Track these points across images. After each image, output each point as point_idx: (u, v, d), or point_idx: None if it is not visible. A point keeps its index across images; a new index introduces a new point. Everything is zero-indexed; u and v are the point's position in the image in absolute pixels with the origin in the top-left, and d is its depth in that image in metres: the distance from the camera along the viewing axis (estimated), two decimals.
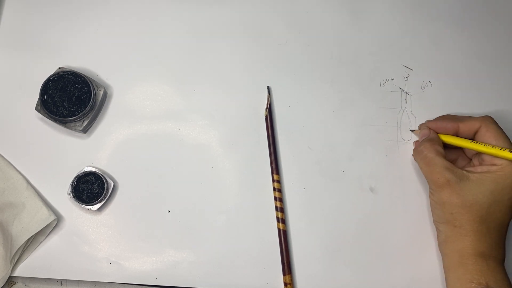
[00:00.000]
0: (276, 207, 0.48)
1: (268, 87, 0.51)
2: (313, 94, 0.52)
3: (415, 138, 0.51)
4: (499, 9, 0.55)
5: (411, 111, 0.52)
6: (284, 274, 0.47)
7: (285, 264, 0.47)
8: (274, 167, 0.49)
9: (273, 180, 0.49)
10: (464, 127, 0.46)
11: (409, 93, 0.52)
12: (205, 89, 0.51)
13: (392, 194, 0.49)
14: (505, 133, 0.44)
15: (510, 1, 0.55)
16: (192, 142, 0.50)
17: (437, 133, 0.47)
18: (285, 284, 0.46)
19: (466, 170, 0.44)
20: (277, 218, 0.48)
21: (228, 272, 0.47)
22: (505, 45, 0.54)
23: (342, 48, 0.53)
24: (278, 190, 0.48)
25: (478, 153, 0.45)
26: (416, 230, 0.49)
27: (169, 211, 0.48)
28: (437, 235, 0.46)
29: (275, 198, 0.48)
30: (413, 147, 0.50)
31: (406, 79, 0.53)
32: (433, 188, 0.44)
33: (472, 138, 0.46)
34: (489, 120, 0.45)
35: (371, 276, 0.47)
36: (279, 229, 0.48)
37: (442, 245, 0.45)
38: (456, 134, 0.47)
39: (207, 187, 0.49)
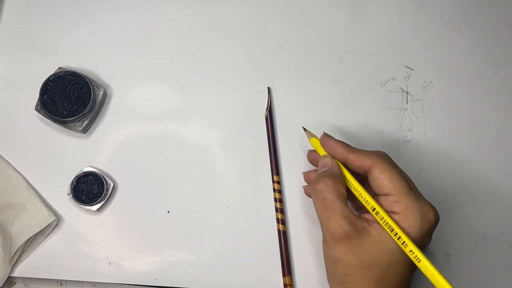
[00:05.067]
0: (276, 208, 0.48)
1: (269, 88, 0.51)
2: (313, 94, 0.51)
3: (416, 138, 0.51)
4: (500, 9, 0.54)
5: (412, 112, 0.51)
6: (284, 275, 0.46)
7: (285, 265, 0.47)
8: (274, 168, 0.49)
9: (273, 181, 0.48)
10: (354, 159, 0.39)
11: (410, 93, 0.52)
12: (205, 90, 0.51)
13: None
14: (400, 171, 0.38)
15: (511, 1, 0.55)
16: (192, 143, 0.50)
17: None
18: (285, 285, 0.46)
19: (366, 220, 0.37)
20: (277, 219, 0.48)
21: (228, 273, 0.47)
22: (506, 44, 0.53)
23: (342, 48, 0.53)
24: (278, 191, 0.48)
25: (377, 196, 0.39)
26: None
27: (168, 212, 0.48)
28: None
29: (275, 199, 0.48)
30: (414, 148, 0.50)
31: (407, 79, 0.52)
32: (328, 240, 0.37)
33: (365, 175, 0.39)
34: (382, 158, 0.38)
35: None
36: (279, 230, 0.47)
37: None
38: (345, 165, 0.40)
39: (207, 188, 0.49)
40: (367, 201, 0.38)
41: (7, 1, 0.53)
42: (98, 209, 0.47)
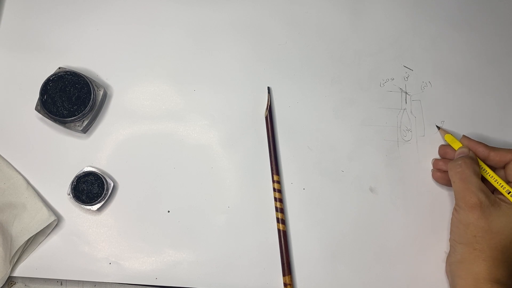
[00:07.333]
0: (276, 208, 0.48)
1: (268, 88, 0.51)
2: (313, 94, 0.52)
3: (414, 137, 0.51)
4: (499, 10, 0.55)
5: (411, 111, 0.52)
6: (284, 275, 0.47)
7: (285, 264, 0.47)
8: (274, 167, 0.49)
9: (273, 181, 0.49)
10: (495, 156, 0.45)
11: (409, 93, 0.52)
12: (205, 89, 0.51)
13: (392, 194, 0.49)
14: None
15: (510, 1, 0.55)
16: (192, 142, 0.50)
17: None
18: (285, 284, 0.46)
19: (498, 198, 0.43)
20: (277, 218, 0.48)
21: (228, 273, 0.47)
22: (505, 45, 0.54)
23: (342, 48, 0.53)
24: (278, 190, 0.48)
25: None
26: (415, 230, 0.49)
27: (169, 211, 0.48)
28: (450, 255, 0.45)
29: (275, 199, 0.48)
30: (413, 147, 0.50)
31: (406, 79, 0.53)
32: (462, 206, 0.43)
33: (502, 168, 0.46)
34: None
35: (371, 276, 0.48)
36: (279, 230, 0.48)
37: (455, 265, 0.44)
38: (485, 161, 0.46)
39: (207, 187, 0.49)
40: (502, 185, 0.44)
41: (7, 1, 0.53)
42: (98, 209, 0.47)
